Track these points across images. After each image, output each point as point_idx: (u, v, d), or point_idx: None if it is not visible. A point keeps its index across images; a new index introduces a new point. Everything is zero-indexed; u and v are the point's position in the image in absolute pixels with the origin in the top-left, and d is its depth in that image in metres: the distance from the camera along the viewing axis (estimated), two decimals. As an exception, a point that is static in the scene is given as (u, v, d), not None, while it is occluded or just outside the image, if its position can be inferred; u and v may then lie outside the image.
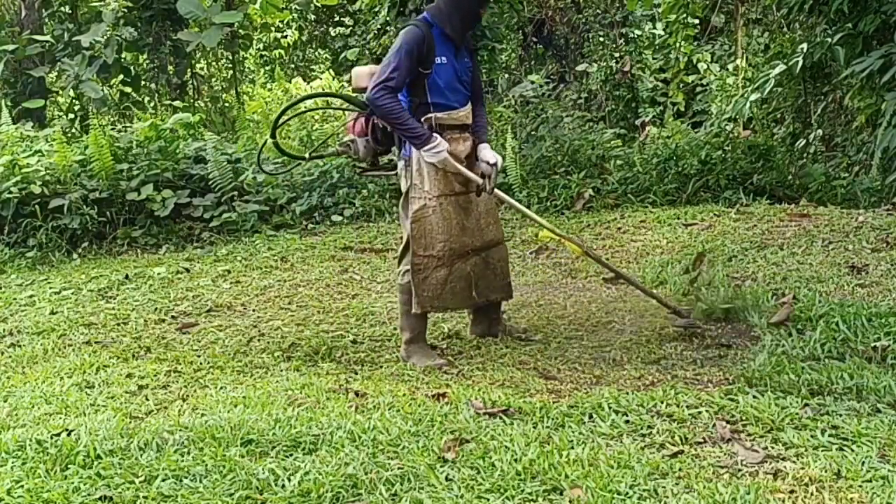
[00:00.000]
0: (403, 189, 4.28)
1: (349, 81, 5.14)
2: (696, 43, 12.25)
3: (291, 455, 2.87)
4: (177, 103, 12.26)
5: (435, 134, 4.14)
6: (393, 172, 4.46)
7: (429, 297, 4.25)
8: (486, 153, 4.29)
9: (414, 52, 4.08)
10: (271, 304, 5.66)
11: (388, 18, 11.83)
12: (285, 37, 18.55)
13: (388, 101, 4.06)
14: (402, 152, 4.27)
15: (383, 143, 4.36)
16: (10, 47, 12.18)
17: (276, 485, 2.65)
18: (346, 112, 4.73)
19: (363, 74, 4.32)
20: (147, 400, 3.75)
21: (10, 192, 7.94)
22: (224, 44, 13.52)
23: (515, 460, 2.73)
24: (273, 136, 4.61)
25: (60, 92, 13.79)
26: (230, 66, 15.24)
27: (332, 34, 18.35)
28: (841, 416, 3.10)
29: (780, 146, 9.31)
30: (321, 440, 2.96)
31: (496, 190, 4.30)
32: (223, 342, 4.82)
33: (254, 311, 5.51)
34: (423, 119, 4.17)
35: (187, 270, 6.78)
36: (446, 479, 2.66)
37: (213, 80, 15.10)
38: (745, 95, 9.86)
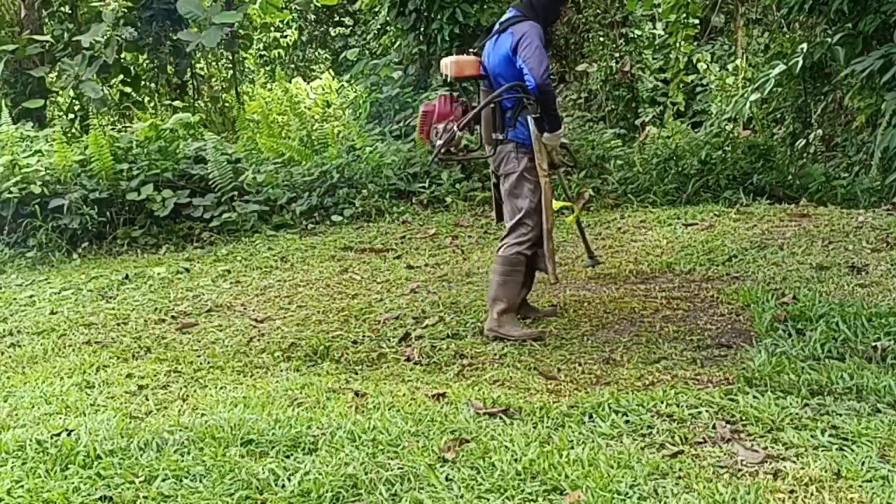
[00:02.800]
0: (514, 170, 4.58)
1: (349, 81, 5.24)
2: (696, 43, 12.24)
3: (291, 455, 2.87)
4: (177, 103, 12.26)
5: None
6: (488, 156, 4.73)
7: (552, 265, 4.64)
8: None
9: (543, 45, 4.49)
10: (271, 304, 5.66)
11: (388, 18, 11.84)
12: (285, 37, 18.56)
13: (553, 87, 4.55)
14: (512, 135, 4.56)
15: (471, 129, 4.74)
16: (10, 47, 12.18)
17: (276, 485, 2.65)
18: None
19: (469, 63, 4.62)
20: (147, 400, 3.75)
21: (10, 192, 7.94)
22: (224, 44, 13.52)
23: (515, 460, 2.73)
24: (448, 149, 4.66)
25: (60, 92, 13.79)
26: (230, 66, 15.25)
27: (332, 34, 18.36)
28: (841, 416, 3.10)
29: (780, 146, 9.31)
30: (321, 440, 2.96)
31: None
32: (223, 342, 4.82)
33: (254, 311, 5.51)
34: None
35: (187, 270, 6.78)
36: (446, 479, 2.66)
37: (213, 80, 15.11)
38: (745, 95, 9.86)
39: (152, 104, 13.46)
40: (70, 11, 13.94)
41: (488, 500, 2.54)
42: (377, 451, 2.86)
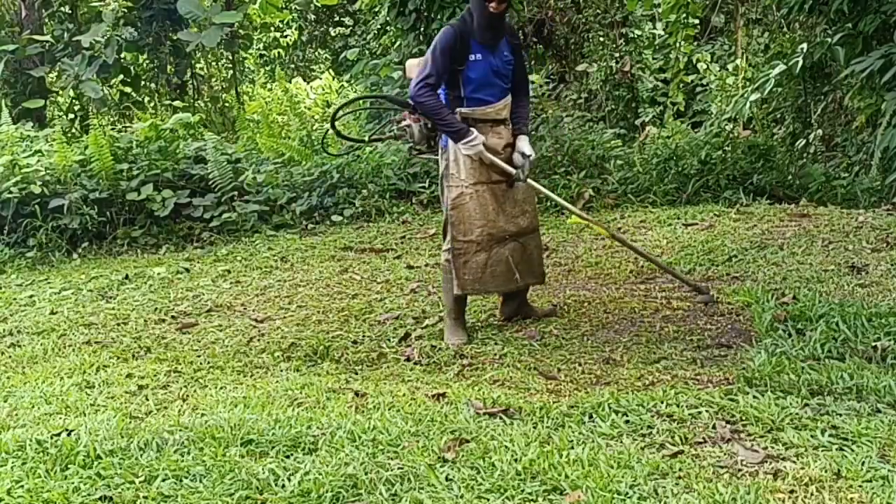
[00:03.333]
0: (440, 174, 4.62)
1: (349, 81, 5.37)
2: (696, 43, 12.25)
3: (291, 455, 2.87)
4: (177, 103, 12.26)
5: (471, 128, 4.42)
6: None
7: (470, 280, 4.54)
8: (522, 145, 4.59)
9: (448, 52, 4.37)
10: (271, 304, 5.66)
11: (388, 18, 11.84)
12: (285, 37, 18.56)
13: (428, 98, 4.38)
14: (441, 141, 4.58)
15: (433, 129, 4.60)
16: (10, 47, 12.18)
17: (276, 485, 2.65)
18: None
19: (414, 66, 4.63)
20: (147, 400, 3.75)
21: (10, 192, 7.94)
22: (224, 44, 13.53)
23: (515, 460, 2.73)
24: (333, 126, 4.89)
25: (60, 92, 13.79)
26: (230, 66, 15.25)
27: (332, 34, 18.36)
28: (841, 416, 3.10)
29: (780, 146, 9.30)
30: (321, 440, 2.96)
31: (529, 180, 4.65)
32: (223, 342, 4.82)
33: (254, 311, 5.51)
34: (457, 112, 4.45)
35: (187, 270, 6.78)
36: (446, 479, 2.66)
37: (213, 80, 15.11)
38: (745, 95, 9.86)
39: (152, 104, 13.47)
40: (70, 11, 13.95)
41: (488, 500, 2.54)
42: (377, 451, 2.86)
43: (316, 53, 19.52)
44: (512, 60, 4.57)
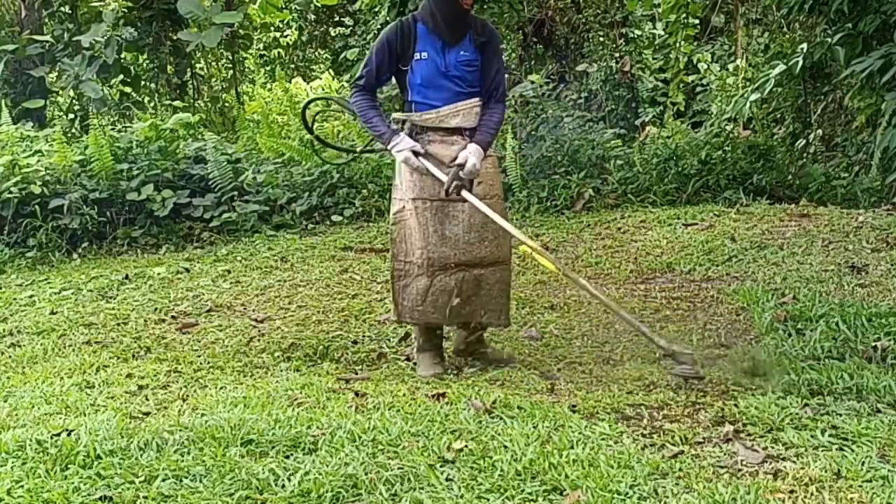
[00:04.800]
0: None
1: (349, 81, 5.22)
2: (696, 43, 12.25)
3: (291, 455, 2.87)
4: (177, 103, 12.25)
5: (401, 133, 3.97)
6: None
7: (408, 307, 4.03)
8: (462, 153, 3.92)
9: (386, 49, 3.97)
10: (271, 304, 5.66)
11: (388, 18, 11.82)
12: (285, 37, 18.56)
13: (357, 99, 4.05)
14: None
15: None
16: (10, 47, 12.17)
17: (276, 485, 2.65)
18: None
19: None
20: (147, 400, 3.74)
21: (10, 192, 7.93)
22: (224, 44, 13.52)
23: (515, 460, 2.73)
24: (310, 132, 4.65)
25: (60, 92, 13.78)
26: (230, 66, 15.24)
27: (332, 34, 18.34)
28: (841, 416, 3.10)
29: (780, 146, 9.31)
30: (321, 440, 2.96)
31: (466, 193, 3.87)
32: (223, 342, 4.82)
33: (254, 311, 5.51)
34: (404, 118, 4.02)
35: (187, 270, 6.78)
36: (446, 479, 2.66)
37: (213, 80, 15.10)
38: (745, 95, 9.86)
39: (152, 104, 13.45)
40: (70, 11, 13.93)
41: (488, 500, 2.53)
42: (377, 451, 2.85)
43: (316, 53, 19.52)
44: (474, 61, 3.98)
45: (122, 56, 13.08)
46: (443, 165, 3.94)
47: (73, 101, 13.69)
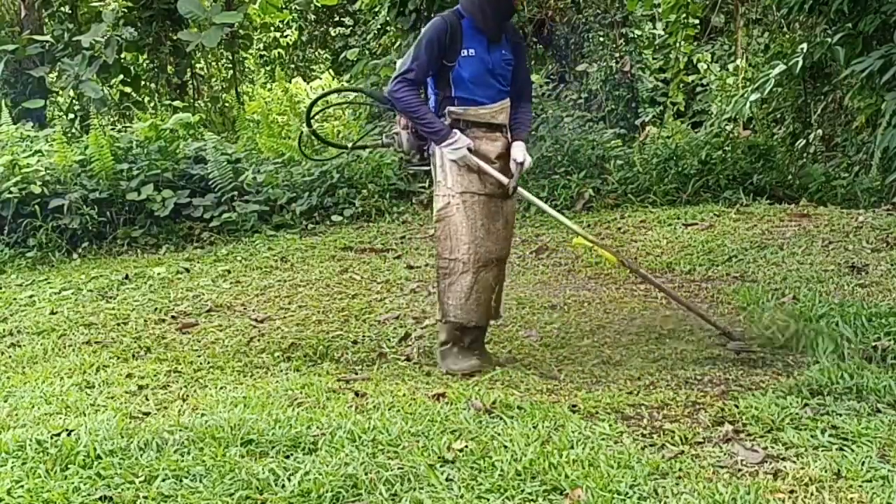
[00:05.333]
0: (434, 184, 4.14)
1: (349, 81, 5.15)
2: (696, 43, 12.26)
3: (291, 455, 2.87)
4: (177, 103, 12.26)
5: (455, 130, 3.96)
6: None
7: (453, 305, 4.00)
8: (515, 151, 4.03)
9: (435, 44, 3.91)
10: (271, 304, 5.66)
11: (388, 18, 11.83)
12: (285, 37, 18.56)
13: (406, 94, 3.94)
14: (429, 147, 4.10)
15: (424, 138, 4.15)
16: (10, 47, 12.18)
17: (276, 485, 2.65)
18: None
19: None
20: (147, 400, 3.74)
21: (10, 192, 7.94)
22: (224, 44, 13.53)
23: (515, 460, 2.73)
24: (308, 125, 4.56)
25: (60, 92, 13.79)
26: (230, 66, 15.25)
27: (332, 34, 18.35)
28: (841, 416, 3.10)
29: (780, 146, 9.31)
30: (321, 440, 2.96)
31: (521, 190, 4.07)
32: (223, 342, 4.82)
33: (254, 311, 5.51)
34: (445, 113, 4.01)
35: (187, 270, 6.78)
36: (446, 479, 2.66)
37: (213, 80, 15.10)
38: (745, 95, 9.87)
39: (152, 104, 13.45)
40: (70, 11, 13.94)
41: (488, 500, 2.53)
42: (377, 451, 2.85)
43: (316, 53, 19.52)
44: (512, 60, 4.08)
45: (122, 56, 13.09)
46: (489, 161, 4.00)
47: (73, 101, 13.70)
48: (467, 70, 3.96)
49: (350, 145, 4.89)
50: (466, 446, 2.87)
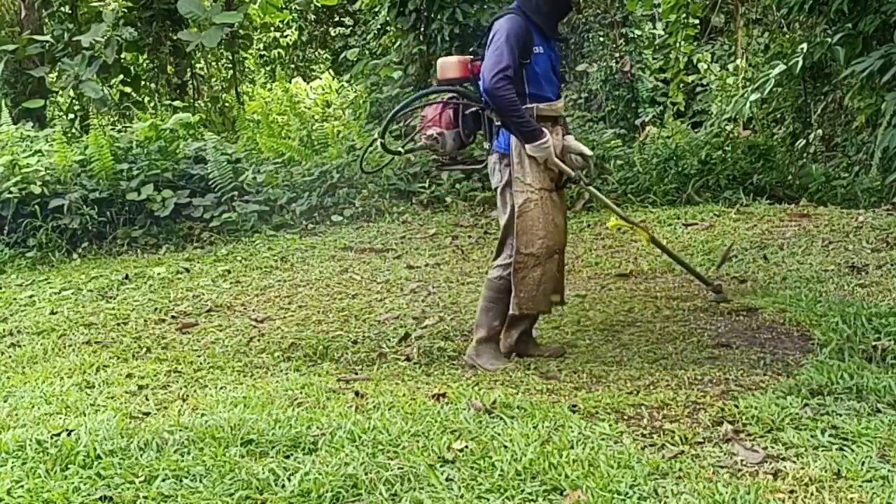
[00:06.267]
0: (498, 183, 4.13)
1: (349, 81, 5.09)
2: (696, 43, 12.26)
3: (291, 455, 2.87)
4: (177, 103, 12.26)
5: (544, 129, 4.01)
6: (479, 166, 4.50)
7: (525, 297, 4.10)
8: (579, 145, 4.26)
9: (519, 41, 3.95)
10: (271, 304, 5.66)
11: (388, 18, 11.82)
12: (285, 37, 18.57)
13: (508, 92, 3.92)
14: (495, 146, 4.11)
15: (471, 137, 4.23)
16: (10, 47, 12.18)
17: (276, 485, 2.65)
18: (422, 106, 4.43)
19: (451, 65, 4.22)
20: (147, 400, 3.75)
21: (10, 192, 7.94)
22: (224, 44, 13.53)
23: (515, 460, 2.73)
24: (383, 136, 4.41)
25: (60, 92, 13.79)
26: (230, 66, 15.25)
27: (332, 34, 18.36)
28: (841, 416, 3.10)
29: (780, 146, 9.32)
30: (321, 440, 2.96)
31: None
32: (223, 342, 4.82)
33: (254, 311, 5.51)
34: (541, 107, 4.07)
35: (187, 270, 6.78)
36: (446, 479, 2.66)
37: (213, 80, 15.11)
38: (745, 95, 9.87)
39: (152, 104, 13.45)
40: (70, 11, 13.94)
41: (488, 500, 2.53)
42: (377, 451, 2.85)
43: (316, 53, 19.53)
44: (559, 57, 4.27)
45: (122, 56, 13.09)
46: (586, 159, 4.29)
47: (73, 101, 13.70)
48: (539, 66, 4.03)
49: (402, 150, 4.91)
50: (466, 446, 2.87)
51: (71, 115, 13.49)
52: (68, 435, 3.10)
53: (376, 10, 12.84)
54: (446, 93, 4.21)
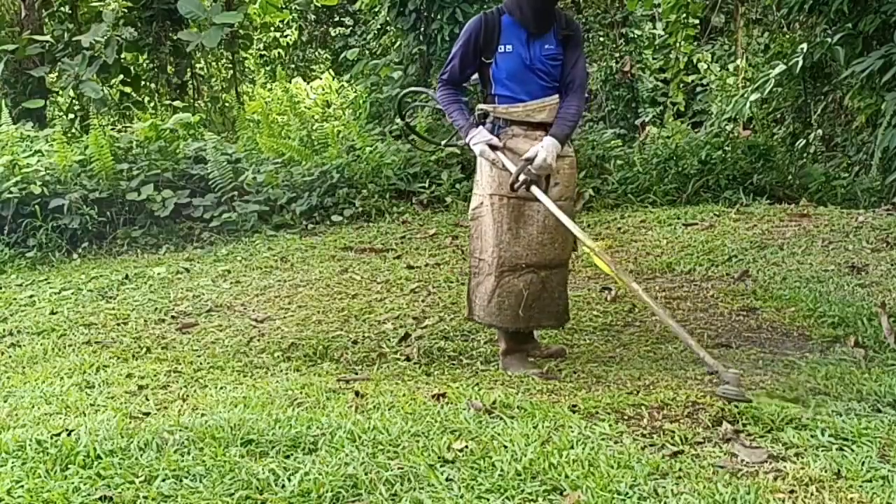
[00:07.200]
0: None
1: (349, 81, 5.15)
2: (696, 43, 12.26)
3: (291, 455, 2.87)
4: (177, 103, 12.26)
5: (480, 127, 3.93)
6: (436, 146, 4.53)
7: (478, 305, 4.02)
8: (534, 147, 3.84)
9: (471, 42, 3.89)
10: (271, 304, 5.66)
11: (388, 18, 11.83)
12: (285, 37, 18.57)
13: (440, 93, 4.05)
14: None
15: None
16: (10, 47, 12.17)
17: (276, 485, 2.65)
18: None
19: None
20: (147, 400, 3.74)
21: (10, 192, 7.93)
22: (224, 44, 13.52)
23: (515, 460, 2.73)
24: (401, 117, 4.58)
25: (60, 92, 13.78)
26: (230, 66, 15.26)
27: (332, 34, 18.36)
28: (841, 416, 3.10)
29: (780, 146, 9.32)
30: (321, 440, 2.96)
31: (535, 189, 3.81)
32: (223, 342, 4.82)
33: (254, 311, 5.51)
34: (489, 111, 3.95)
35: (187, 270, 6.78)
36: (446, 479, 2.66)
37: (213, 80, 15.11)
38: (745, 95, 9.88)
39: (152, 104, 13.46)
40: (70, 11, 13.93)
41: (488, 500, 2.53)
42: (377, 451, 2.85)
43: (316, 53, 19.53)
44: (558, 55, 3.91)
45: (122, 56, 13.08)
46: (520, 160, 3.87)
47: (73, 101, 13.70)
48: (503, 67, 3.89)
49: (443, 143, 4.97)
50: (466, 446, 2.87)
51: (71, 115, 13.48)
52: (68, 435, 3.10)
53: (376, 10, 12.84)
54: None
